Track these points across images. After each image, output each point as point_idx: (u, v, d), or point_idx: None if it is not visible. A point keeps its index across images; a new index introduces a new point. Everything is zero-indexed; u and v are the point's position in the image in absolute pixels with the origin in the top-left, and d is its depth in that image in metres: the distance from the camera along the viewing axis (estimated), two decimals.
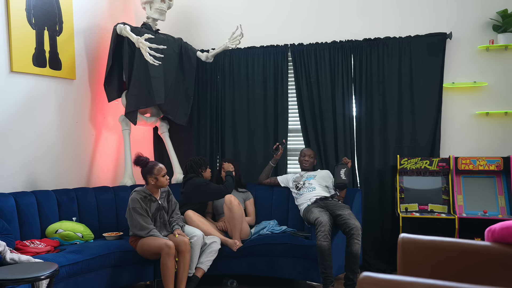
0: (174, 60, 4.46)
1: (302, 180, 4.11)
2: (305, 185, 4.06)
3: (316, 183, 4.05)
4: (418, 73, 4.19)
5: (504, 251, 1.93)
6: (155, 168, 3.52)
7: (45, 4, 3.82)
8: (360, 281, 1.35)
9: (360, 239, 3.47)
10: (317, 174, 4.17)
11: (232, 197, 3.80)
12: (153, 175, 3.50)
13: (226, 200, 3.77)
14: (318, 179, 4.10)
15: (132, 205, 3.43)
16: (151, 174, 3.50)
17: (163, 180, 3.54)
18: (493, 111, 4.06)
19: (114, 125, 4.61)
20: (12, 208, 3.28)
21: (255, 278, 3.89)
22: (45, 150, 3.85)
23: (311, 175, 4.15)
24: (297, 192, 4.08)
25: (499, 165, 3.85)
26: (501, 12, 3.96)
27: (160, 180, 3.52)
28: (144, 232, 3.40)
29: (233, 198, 3.80)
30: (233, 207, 3.74)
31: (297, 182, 4.13)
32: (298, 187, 4.08)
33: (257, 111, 4.60)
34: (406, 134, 4.23)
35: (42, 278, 2.53)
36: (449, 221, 3.78)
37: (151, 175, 3.50)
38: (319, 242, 3.39)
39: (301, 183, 4.09)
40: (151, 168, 3.52)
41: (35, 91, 3.77)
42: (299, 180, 4.14)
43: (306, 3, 4.54)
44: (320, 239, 3.39)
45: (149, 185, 3.53)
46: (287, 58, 4.54)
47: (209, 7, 4.83)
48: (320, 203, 3.84)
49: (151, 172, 3.51)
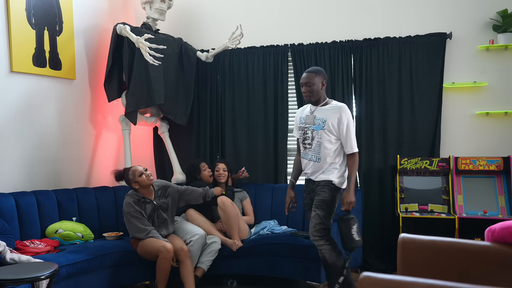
0: (174, 60, 4.46)
1: (310, 128, 3.24)
2: (312, 139, 3.22)
3: (324, 138, 3.16)
4: (418, 73, 4.18)
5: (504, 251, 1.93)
6: (129, 173, 3.52)
7: (45, 4, 3.82)
8: (360, 281, 1.35)
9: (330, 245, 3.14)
10: (327, 117, 3.17)
11: (224, 198, 3.80)
12: (132, 180, 3.51)
13: (219, 202, 3.77)
14: (328, 130, 3.16)
15: (127, 210, 3.44)
16: (129, 181, 3.52)
17: (143, 179, 3.50)
18: (493, 111, 4.05)
19: (114, 125, 4.61)
20: (12, 208, 3.28)
21: (255, 278, 3.89)
22: (45, 150, 3.85)
23: (321, 119, 3.18)
24: (303, 150, 3.31)
25: (499, 165, 3.85)
26: (501, 12, 3.96)
27: (140, 181, 3.50)
28: (143, 234, 3.40)
29: (225, 198, 3.80)
30: (226, 208, 3.74)
31: (303, 131, 3.28)
32: (305, 142, 3.27)
33: (257, 111, 4.60)
34: (406, 134, 4.23)
35: (42, 278, 2.53)
36: (449, 221, 3.78)
37: (130, 181, 3.52)
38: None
39: (308, 133, 3.24)
40: (127, 175, 3.53)
41: (35, 91, 3.77)
42: (306, 125, 3.27)
43: (306, 3, 4.54)
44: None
45: (138, 189, 3.54)
46: (287, 58, 4.54)
47: (209, 7, 4.83)
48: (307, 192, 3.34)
49: (128, 179, 3.52)
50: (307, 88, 3.19)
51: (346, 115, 3.14)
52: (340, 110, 3.16)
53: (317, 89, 3.19)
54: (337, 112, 3.15)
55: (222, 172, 4.12)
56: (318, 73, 3.21)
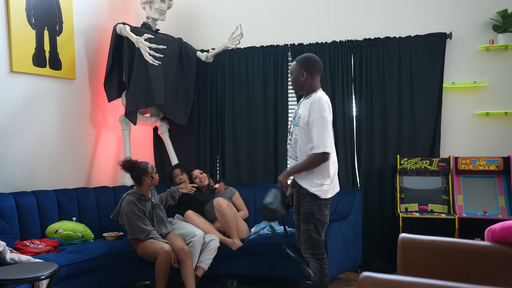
0: (174, 60, 4.46)
1: (292, 123, 3.00)
2: (292, 135, 2.97)
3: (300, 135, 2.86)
4: (418, 73, 4.18)
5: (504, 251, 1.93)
6: (149, 166, 3.55)
7: (45, 4, 3.82)
8: (360, 281, 1.35)
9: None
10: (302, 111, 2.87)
11: (220, 200, 3.82)
12: (149, 174, 3.53)
13: (215, 204, 3.80)
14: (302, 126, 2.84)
15: (129, 208, 3.43)
16: (146, 174, 3.52)
17: (157, 178, 3.60)
18: (493, 111, 4.05)
19: (114, 125, 4.61)
20: (12, 208, 3.28)
21: (255, 278, 3.89)
22: (45, 150, 3.85)
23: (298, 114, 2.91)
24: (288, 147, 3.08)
25: (499, 165, 3.85)
26: (501, 12, 3.96)
27: (155, 178, 3.58)
28: (144, 234, 3.40)
29: (221, 200, 3.82)
30: (223, 210, 3.76)
31: (290, 126, 3.07)
32: (289, 138, 3.04)
33: (257, 111, 4.60)
34: (406, 134, 4.23)
35: (42, 278, 2.53)
36: (449, 221, 3.78)
37: (146, 174, 3.52)
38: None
39: (291, 128, 3.02)
40: (145, 167, 3.54)
41: (35, 91, 3.77)
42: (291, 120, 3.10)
43: (306, 3, 4.54)
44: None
45: (144, 185, 3.54)
46: (287, 58, 4.54)
47: (209, 7, 4.83)
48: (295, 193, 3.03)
49: (146, 171, 3.52)
50: (290, 78, 2.92)
51: (316, 107, 2.74)
52: (311, 102, 2.80)
53: (295, 79, 2.91)
54: (309, 104, 2.80)
55: (199, 175, 4.15)
56: (298, 62, 2.91)
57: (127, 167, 3.57)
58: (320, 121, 2.71)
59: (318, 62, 2.90)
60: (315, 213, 2.81)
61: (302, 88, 2.91)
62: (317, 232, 2.84)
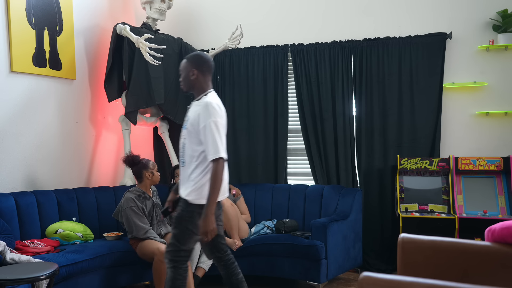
0: (174, 60, 4.46)
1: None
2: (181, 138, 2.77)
3: (187, 140, 2.67)
4: (418, 73, 4.19)
5: (504, 251, 1.93)
6: (150, 162, 3.58)
7: (45, 4, 3.82)
8: (360, 281, 1.35)
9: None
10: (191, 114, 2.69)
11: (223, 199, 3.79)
12: (149, 169, 3.55)
13: None
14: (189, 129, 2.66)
15: (128, 205, 3.42)
16: (147, 169, 3.54)
17: (158, 175, 3.62)
18: (493, 111, 4.05)
19: (114, 125, 4.61)
20: (12, 208, 3.28)
21: (255, 278, 3.88)
22: (45, 150, 3.85)
23: (188, 117, 2.72)
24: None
25: (499, 165, 3.85)
26: (501, 12, 3.96)
27: (156, 175, 3.59)
28: (141, 232, 3.39)
29: (224, 200, 3.79)
30: (226, 209, 3.74)
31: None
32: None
33: (257, 111, 4.60)
34: (406, 134, 4.23)
35: (42, 278, 2.53)
36: (449, 221, 3.78)
37: (147, 169, 3.53)
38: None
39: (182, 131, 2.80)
40: (147, 163, 3.56)
41: (35, 91, 3.77)
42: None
43: (306, 3, 4.54)
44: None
45: (144, 182, 3.55)
46: (287, 58, 4.54)
47: (209, 7, 4.83)
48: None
49: (147, 167, 3.54)
50: (180, 77, 2.76)
51: (207, 112, 2.54)
52: (200, 107, 2.60)
53: (185, 78, 2.72)
54: (198, 109, 2.60)
55: None
56: (188, 60, 2.74)
57: (129, 161, 3.58)
58: (212, 126, 2.52)
59: (209, 61, 2.74)
60: (185, 218, 2.61)
61: (193, 87, 2.71)
62: (182, 238, 2.63)
